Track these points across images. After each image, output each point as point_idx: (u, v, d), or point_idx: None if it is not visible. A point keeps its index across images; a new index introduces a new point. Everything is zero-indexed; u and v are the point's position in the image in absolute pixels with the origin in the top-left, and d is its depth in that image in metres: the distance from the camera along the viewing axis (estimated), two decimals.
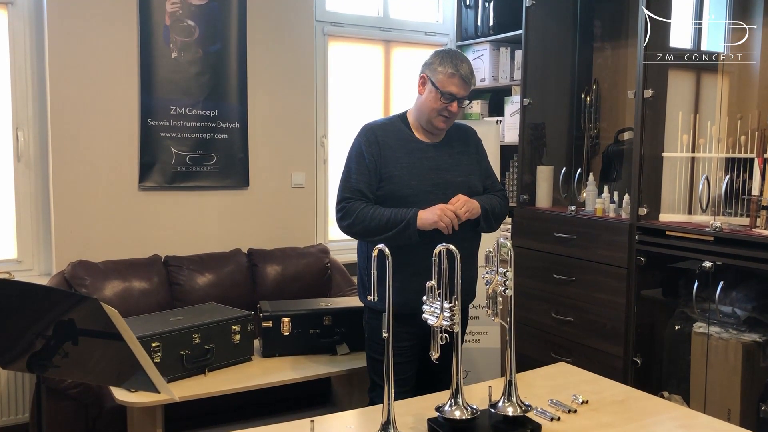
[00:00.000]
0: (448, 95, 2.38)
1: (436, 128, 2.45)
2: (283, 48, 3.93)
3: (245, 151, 3.83)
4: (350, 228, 2.40)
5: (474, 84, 2.45)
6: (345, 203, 2.41)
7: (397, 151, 2.43)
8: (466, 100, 2.45)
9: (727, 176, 2.83)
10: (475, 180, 2.52)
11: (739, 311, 2.79)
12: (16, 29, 3.39)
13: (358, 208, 2.37)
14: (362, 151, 2.43)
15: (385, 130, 2.47)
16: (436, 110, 2.41)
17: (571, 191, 3.55)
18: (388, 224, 2.32)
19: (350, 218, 2.38)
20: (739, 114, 2.92)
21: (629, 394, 2.04)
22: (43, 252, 3.53)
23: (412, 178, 2.40)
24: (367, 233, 2.37)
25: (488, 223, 2.48)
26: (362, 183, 2.41)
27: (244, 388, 2.71)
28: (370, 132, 2.46)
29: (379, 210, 2.36)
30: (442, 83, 2.38)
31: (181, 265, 3.49)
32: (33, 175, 3.48)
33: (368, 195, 2.41)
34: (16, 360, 1.61)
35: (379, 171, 2.41)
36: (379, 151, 2.41)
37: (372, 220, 2.34)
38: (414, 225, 2.31)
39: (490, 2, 4.23)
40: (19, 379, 3.36)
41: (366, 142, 2.44)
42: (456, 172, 2.47)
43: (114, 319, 1.47)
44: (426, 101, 2.43)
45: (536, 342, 3.47)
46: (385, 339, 1.65)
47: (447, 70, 2.38)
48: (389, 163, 2.41)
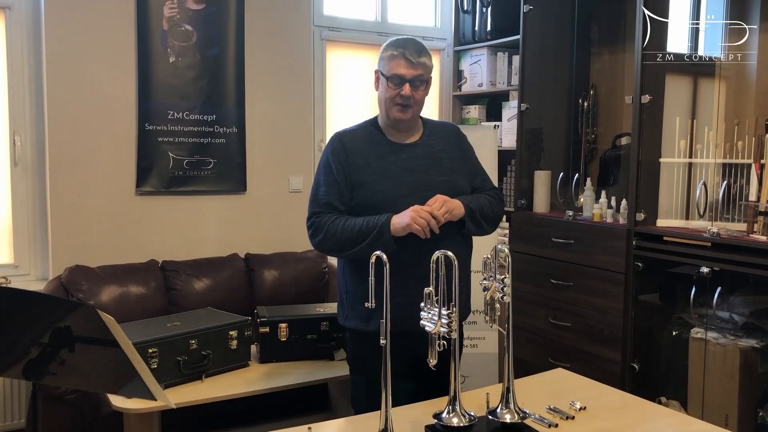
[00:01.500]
0: (395, 78, 2.19)
1: (397, 121, 2.25)
2: (281, 52, 3.94)
3: (243, 156, 3.83)
4: (322, 244, 2.23)
5: (427, 64, 2.22)
6: (314, 218, 2.23)
7: (367, 156, 2.25)
8: (419, 82, 2.22)
9: (724, 182, 2.83)
10: (459, 179, 2.30)
11: (736, 317, 2.79)
12: (13, 34, 3.39)
13: (327, 222, 2.19)
14: (329, 161, 2.26)
15: (354, 136, 2.30)
16: (390, 99, 2.22)
17: (569, 196, 3.55)
18: (360, 234, 2.12)
19: (320, 233, 2.20)
20: (736, 120, 2.92)
21: (627, 400, 2.04)
22: (40, 257, 3.52)
23: (385, 183, 2.21)
24: (340, 248, 2.19)
25: (476, 223, 2.25)
26: (332, 195, 2.23)
27: (242, 394, 2.70)
28: (336, 140, 2.29)
29: (350, 221, 2.17)
30: (387, 68, 2.21)
31: (178, 270, 3.48)
32: (30, 179, 3.47)
33: (339, 207, 2.22)
34: (11, 367, 1.61)
35: (350, 179, 2.23)
36: (347, 158, 2.23)
37: (343, 233, 2.15)
38: (388, 231, 2.10)
39: (487, 7, 4.24)
40: (15, 384, 3.35)
41: (333, 151, 2.27)
42: (435, 172, 2.26)
43: (110, 327, 1.47)
44: (381, 95, 2.27)
45: (534, 347, 3.47)
46: (383, 345, 1.65)
47: (388, 53, 2.21)
48: (359, 169, 2.23)
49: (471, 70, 4.43)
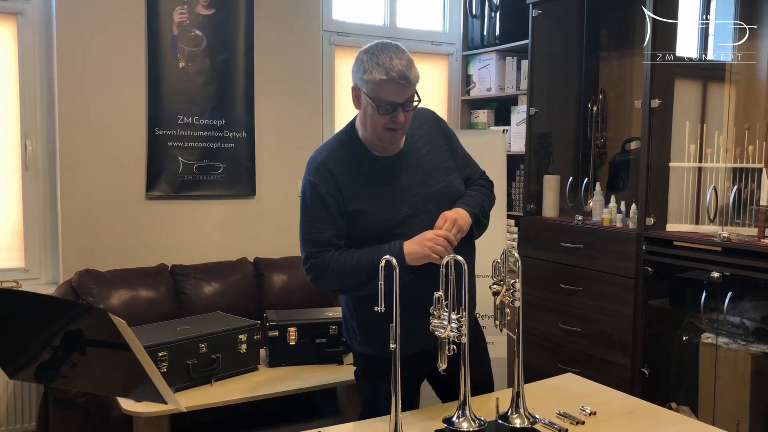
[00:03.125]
0: (386, 105, 1.91)
1: (388, 143, 2.00)
2: (290, 58, 3.95)
3: (252, 161, 3.84)
4: (329, 286, 2.01)
5: (416, 78, 1.92)
6: (313, 260, 1.96)
7: (357, 181, 1.98)
8: (411, 102, 1.94)
9: (734, 186, 2.82)
10: (453, 180, 2.10)
11: (747, 322, 2.77)
12: (25, 39, 3.42)
13: (330, 261, 1.94)
14: (319, 193, 1.96)
15: (336, 159, 2.01)
16: (380, 125, 1.93)
17: (578, 201, 3.54)
18: (373, 270, 1.79)
19: (325, 275, 1.95)
20: (746, 124, 2.91)
21: (637, 405, 2.03)
22: (50, 261, 3.54)
23: (384, 209, 1.97)
24: (351, 287, 1.97)
25: (480, 227, 2.11)
26: (327, 231, 1.96)
27: (251, 398, 2.71)
28: (322, 168, 1.99)
29: (356, 255, 1.93)
30: (375, 93, 1.91)
31: (188, 274, 3.49)
32: (41, 184, 3.49)
33: (337, 243, 1.97)
34: (23, 370, 1.61)
35: (345, 210, 1.96)
36: (337, 188, 1.96)
37: (352, 271, 1.92)
38: (402, 263, 1.88)
39: (496, 12, 4.24)
40: (26, 388, 3.37)
41: (321, 181, 1.97)
42: (432, 180, 2.05)
43: (122, 330, 1.47)
44: (365, 117, 1.97)
45: (543, 352, 3.46)
46: (392, 349, 1.65)
47: (376, 77, 1.90)
48: (353, 198, 1.97)
49: (479, 74, 4.43)
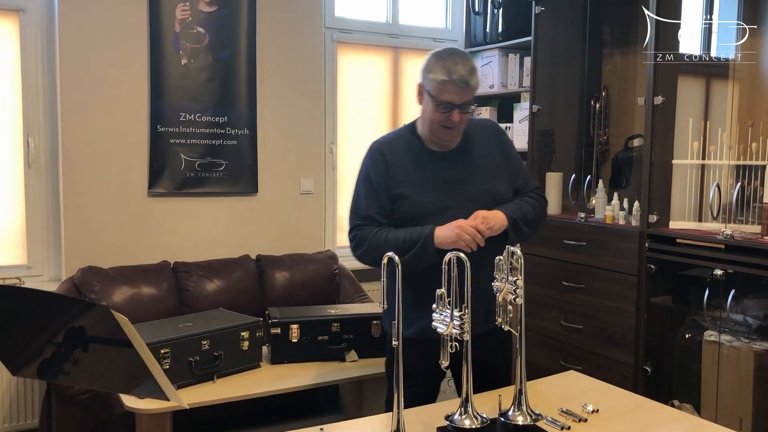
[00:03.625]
0: (444, 105, 2.12)
1: (442, 140, 2.22)
2: (293, 55, 3.94)
3: (254, 158, 3.84)
4: (365, 257, 2.22)
5: (476, 84, 2.15)
6: (356, 231, 2.23)
7: (407, 168, 2.22)
8: (469, 105, 2.16)
9: (738, 184, 2.81)
10: (501, 185, 2.26)
11: (750, 320, 2.77)
12: (27, 36, 3.42)
13: (369, 234, 2.18)
14: (369, 173, 2.23)
15: (393, 146, 2.26)
16: (436, 122, 2.16)
17: (581, 198, 3.54)
18: (404, 246, 2.09)
19: (363, 246, 2.19)
20: (750, 121, 2.90)
21: (640, 403, 2.03)
22: (53, 258, 3.55)
23: (426, 195, 2.19)
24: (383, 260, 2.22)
25: (519, 233, 2.20)
26: (372, 209, 2.21)
27: (253, 395, 2.71)
28: (376, 151, 2.25)
29: (392, 233, 2.16)
30: (436, 92, 2.12)
31: (190, 271, 3.49)
32: (43, 181, 3.49)
33: (380, 220, 2.21)
34: (26, 366, 1.62)
35: (390, 192, 2.20)
36: (387, 170, 2.21)
37: (386, 245, 2.10)
38: (431, 244, 2.09)
39: (499, 9, 4.23)
40: (28, 384, 3.37)
41: (372, 163, 2.24)
42: (477, 181, 2.23)
43: (124, 327, 1.47)
44: (425, 113, 2.20)
45: (545, 350, 3.45)
46: (395, 346, 1.65)
47: (439, 77, 2.10)
48: (400, 181, 2.20)
49: (482, 71, 4.42)
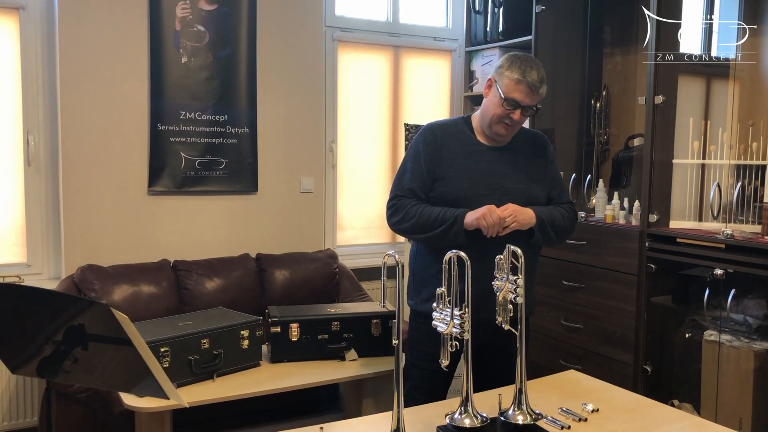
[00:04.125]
0: (511, 102, 2.26)
1: (496, 134, 2.35)
2: (293, 53, 3.94)
3: (254, 156, 3.83)
4: (399, 224, 2.37)
5: (544, 93, 2.31)
6: (396, 200, 2.38)
7: (455, 152, 2.36)
8: (530, 109, 2.31)
9: (738, 183, 2.81)
10: (537, 190, 2.40)
11: (750, 319, 2.77)
12: (27, 34, 3.41)
13: (407, 205, 2.34)
14: (419, 150, 2.38)
15: (446, 130, 2.41)
16: (498, 116, 2.30)
17: (581, 197, 3.54)
18: (437, 221, 2.27)
19: (399, 215, 2.35)
20: (750, 121, 2.91)
21: (640, 402, 2.03)
22: (53, 256, 3.54)
23: (466, 181, 2.33)
24: (415, 230, 2.33)
25: (544, 234, 2.34)
26: (415, 183, 2.36)
27: (253, 394, 2.70)
28: (429, 132, 2.41)
29: (429, 208, 2.31)
30: (506, 88, 2.27)
31: (190, 270, 3.49)
32: (43, 179, 3.49)
33: (420, 195, 2.36)
34: (25, 365, 1.61)
35: (434, 171, 2.35)
36: (437, 150, 2.36)
37: (421, 217, 2.29)
38: (461, 223, 2.24)
39: (499, 8, 4.23)
40: (28, 383, 3.37)
41: (424, 141, 2.39)
42: (516, 179, 2.37)
43: (124, 325, 1.47)
44: (489, 105, 2.33)
45: (546, 349, 3.45)
46: (395, 345, 1.65)
47: (513, 76, 2.26)
48: (445, 163, 2.35)
49: (482, 70, 4.42)
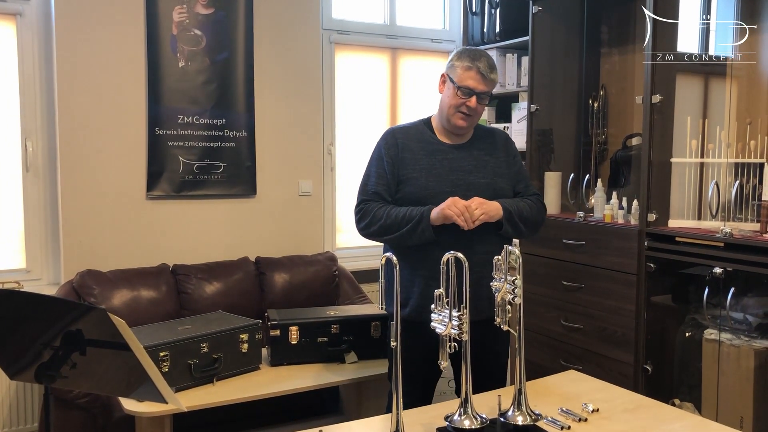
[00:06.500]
0: (465, 90, 2.35)
1: (456, 127, 2.41)
2: (290, 56, 3.94)
3: (252, 160, 3.83)
4: (367, 228, 2.40)
5: (495, 80, 2.39)
6: (363, 205, 2.42)
7: (416, 153, 2.42)
8: (485, 96, 2.39)
9: (736, 181, 2.81)
10: (501, 183, 2.46)
11: (750, 318, 2.76)
12: (24, 40, 3.41)
13: (373, 209, 2.38)
14: (382, 154, 2.44)
15: (407, 132, 2.48)
16: (454, 107, 2.38)
17: (580, 197, 3.53)
18: (404, 220, 2.31)
19: (367, 218, 2.39)
20: (748, 119, 2.90)
21: (640, 402, 2.02)
22: (52, 261, 3.54)
23: (431, 180, 2.38)
24: (383, 231, 2.37)
25: (513, 225, 2.38)
26: (380, 186, 2.41)
27: (253, 398, 2.70)
28: (390, 135, 2.47)
29: (394, 209, 2.36)
30: (459, 78, 2.36)
31: (189, 274, 3.49)
32: (41, 184, 3.49)
33: (386, 198, 2.41)
34: (24, 371, 1.61)
35: (398, 173, 2.41)
36: (398, 153, 2.42)
37: (388, 218, 2.33)
38: (427, 219, 2.28)
39: (496, 9, 4.23)
40: (27, 388, 3.37)
41: (385, 145, 2.45)
42: (480, 174, 2.43)
43: (121, 330, 1.47)
44: (445, 99, 2.42)
45: (545, 350, 3.45)
46: (393, 348, 1.64)
47: (463, 64, 2.36)
48: (408, 165, 2.40)
49: None
